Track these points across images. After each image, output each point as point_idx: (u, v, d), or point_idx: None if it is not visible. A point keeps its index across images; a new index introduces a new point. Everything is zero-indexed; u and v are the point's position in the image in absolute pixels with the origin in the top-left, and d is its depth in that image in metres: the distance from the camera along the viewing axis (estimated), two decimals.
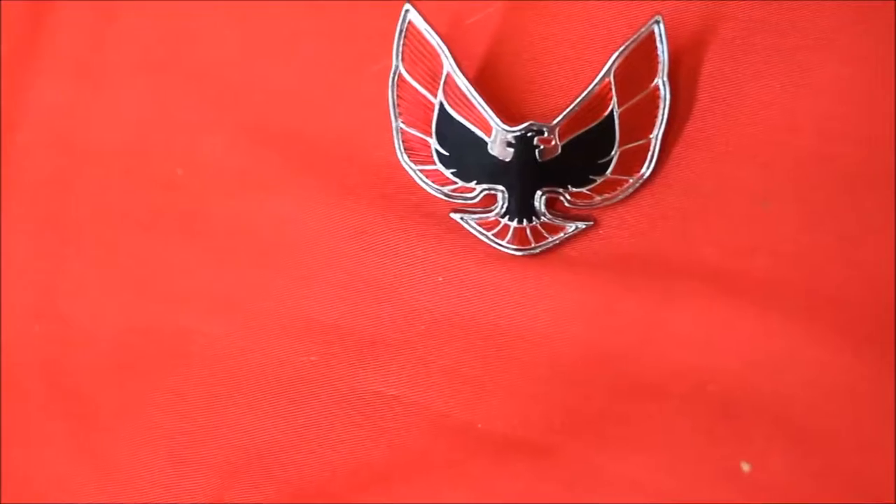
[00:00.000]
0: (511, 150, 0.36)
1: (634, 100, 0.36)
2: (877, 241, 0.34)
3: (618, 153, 0.36)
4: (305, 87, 0.40)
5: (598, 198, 0.36)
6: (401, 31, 0.36)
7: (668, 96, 0.35)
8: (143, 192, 0.41)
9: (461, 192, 0.37)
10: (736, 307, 0.35)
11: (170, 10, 0.42)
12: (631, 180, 0.36)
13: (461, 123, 0.36)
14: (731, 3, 0.36)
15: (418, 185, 0.37)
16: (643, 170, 0.36)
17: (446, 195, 0.37)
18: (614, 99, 0.35)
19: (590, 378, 0.36)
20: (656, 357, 0.35)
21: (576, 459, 0.35)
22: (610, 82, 0.35)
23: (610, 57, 0.35)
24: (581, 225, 0.37)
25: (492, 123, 0.35)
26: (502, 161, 0.36)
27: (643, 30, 0.35)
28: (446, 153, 0.36)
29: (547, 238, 0.37)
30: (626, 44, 0.35)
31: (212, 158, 0.40)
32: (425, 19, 0.35)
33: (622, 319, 0.35)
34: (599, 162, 0.36)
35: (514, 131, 0.35)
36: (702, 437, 0.34)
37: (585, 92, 0.35)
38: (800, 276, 0.35)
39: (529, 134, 0.35)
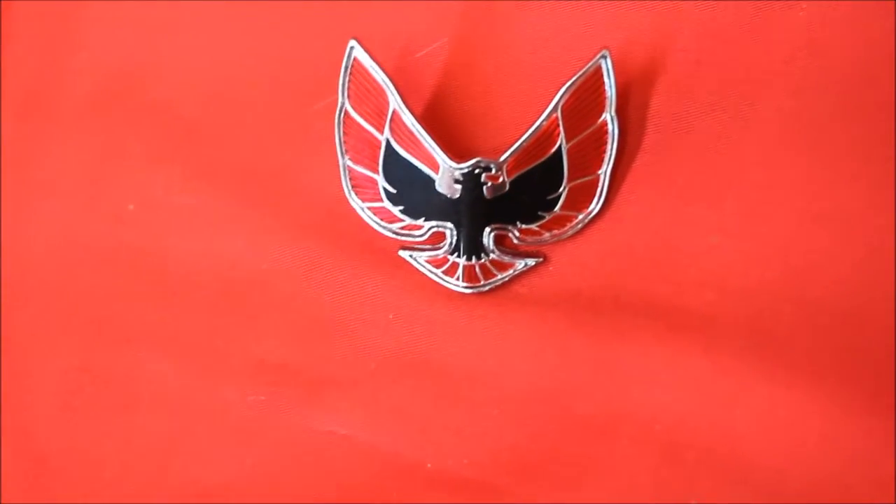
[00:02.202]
0: (459, 186, 0.35)
1: (582, 135, 0.36)
2: (824, 278, 0.34)
3: (566, 189, 0.36)
4: (256, 124, 0.39)
5: (547, 234, 0.36)
6: (346, 67, 0.36)
7: (616, 131, 0.35)
8: (94, 228, 0.40)
9: (409, 230, 0.36)
10: (684, 344, 0.34)
11: (124, 47, 0.42)
12: (580, 216, 0.36)
13: (408, 161, 0.36)
14: (679, 38, 0.36)
15: (366, 222, 0.37)
16: (592, 206, 0.36)
17: (394, 233, 0.37)
18: (562, 135, 0.35)
19: (538, 417, 0.35)
20: (605, 396, 0.35)
21: (524, 499, 0.35)
22: (557, 118, 0.35)
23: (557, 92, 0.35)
24: (530, 262, 0.36)
25: (439, 160, 0.35)
26: (450, 198, 0.36)
27: (590, 65, 0.35)
28: (394, 191, 0.36)
29: (496, 275, 0.36)
30: (573, 79, 0.35)
31: (164, 195, 0.40)
32: (371, 56, 0.35)
33: (571, 357, 0.35)
34: (548, 198, 0.36)
35: (461, 168, 0.35)
36: (649, 478, 0.34)
37: (532, 128, 0.35)
38: (747, 313, 0.34)
39: (477, 171, 0.35)
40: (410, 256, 0.37)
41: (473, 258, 0.36)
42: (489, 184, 0.35)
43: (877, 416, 0.33)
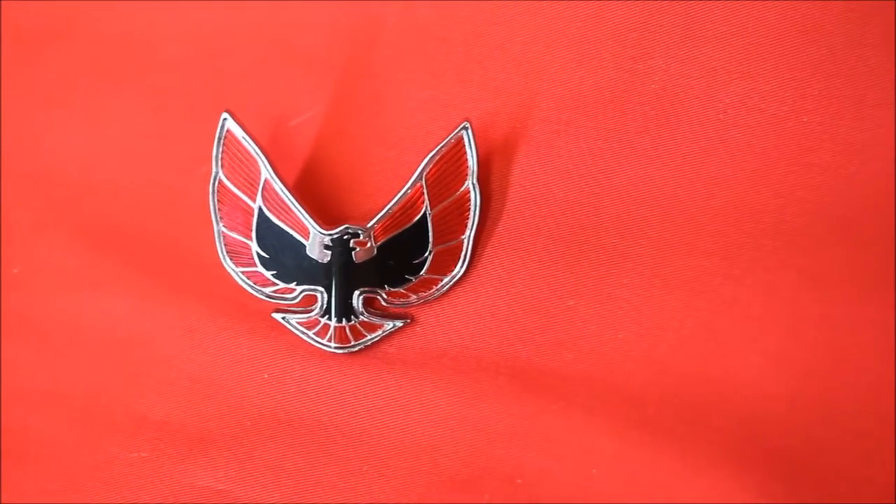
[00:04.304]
0: (329, 252, 0.37)
1: (447, 202, 0.37)
2: (672, 339, 0.36)
3: (432, 254, 0.37)
4: (140, 188, 0.41)
5: (414, 296, 0.38)
6: (219, 139, 0.37)
7: (478, 199, 0.37)
8: None
9: (282, 293, 0.38)
10: (542, 402, 0.36)
11: (7, 110, 0.43)
12: (445, 279, 0.38)
13: (280, 227, 0.37)
14: (540, 108, 0.38)
15: (241, 286, 0.38)
16: (456, 269, 0.38)
17: (268, 296, 0.38)
18: (426, 202, 0.37)
19: (405, 472, 0.37)
20: (468, 451, 0.37)
21: None
22: (422, 186, 0.37)
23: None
24: (398, 323, 0.38)
25: (309, 227, 0.37)
26: (320, 263, 0.37)
27: (451, 136, 0.36)
28: (266, 255, 0.38)
29: (366, 336, 0.38)
30: (435, 150, 0.36)
31: (48, 257, 0.41)
32: (243, 127, 0.37)
33: (435, 415, 0.37)
34: (414, 262, 0.37)
35: (330, 234, 0.37)
36: None
37: (397, 197, 0.36)
38: (600, 373, 0.36)
39: (346, 237, 0.37)
40: (283, 318, 0.38)
41: (344, 320, 0.38)
42: (357, 249, 0.37)
43: (723, 471, 0.34)
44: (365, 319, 0.38)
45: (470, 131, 0.36)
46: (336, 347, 0.38)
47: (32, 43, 0.43)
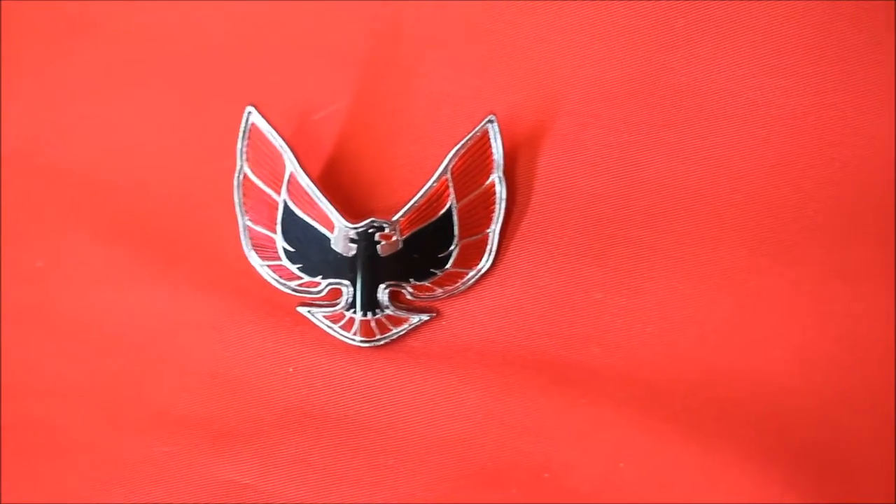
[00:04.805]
0: (354, 245, 0.37)
1: (472, 195, 0.37)
2: (699, 332, 0.36)
3: (457, 247, 0.37)
4: (162, 183, 0.41)
5: (439, 290, 0.38)
6: (244, 132, 0.37)
7: (504, 192, 0.37)
8: (3, 285, 0.41)
9: (307, 287, 0.38)
10: (568, 397, 0.36)
11: (28, 107, 0.42)
12: (471, 273, 0.38)
13: (305, 221, 0.37)
14: (566, 100, 0.38)
15: (266, 280, 0.38)
16: (482, 263, 0.37)
17: (293, 290, 0.38)
18: (452, 195, 0.37)
19: (432, 466, 0.37)
20: (495, 445, 0.36)
21: None
22: (447, 180, 0.37)
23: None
24: (424, 317, 0.38)
25: (334, 220, 0.37)
26: (346, 256, 0.37)
27: (477, 129, 0.36)
28: (292, 249, 0.37)
29: (391, 330, 0.38)
30: (461, 143, 0.36)
31: (72, 252, 0.41)
32: (268, 121, 0.37)
33: (461, 409, 0.37)
34: (440, 255, 0.37)
35: (355, 228, 0.37)
36: None
37: (423, 190, 0.36)
38: (628, 367, 0.36)
39: (371, 230, 0.37)
40: (309, 312, 0.38)
41: (369, 314, 0.37)
42: (383, 242, 0.37)
43: (750, 465, 0.34)
44: (390, 313, 0.37)
45: (496, 124, 0.36)
46: (361, 341, 0.38)
47: (58, 38, 0.43)
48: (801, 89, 0.37)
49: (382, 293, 0.37)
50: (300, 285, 0.38)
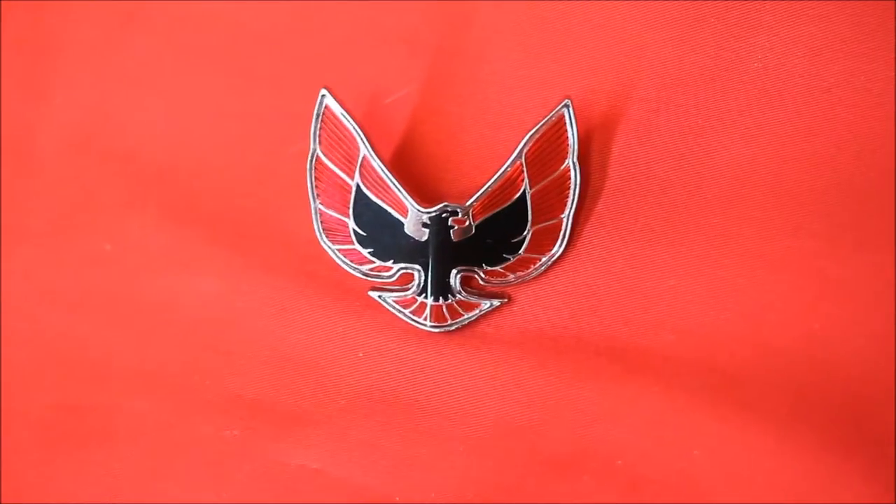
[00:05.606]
0: (426, 230, 0.37)
1: (546, 181, 0.37)
2: (777, 320, 0.35)
3: (530, 233, 0.37)
4: (229, 166, 0.41)
5: (511, 276, 0.37)
6: (317, 115, 0.37)
7: (577, 177, 0.37)
8: (71, 269, 0.41)
9: (379, 271, 0.38)
10: (643, 383, 0.36)
11: (96, 90, 0.43)
12: (543, 259, 0.37)
13: (378, 205, 0.37)
14: (639, 86, 0.38)
15: (337, 264, 0.38)
16: (555, 248, 0.37)
17: (364, 274, 0.38)
18: (526, 180, 0.36)
19: (503, 452, 0.37)
20: (567, 432, 0.36)
21: None
22: (522, 164, 0.36)
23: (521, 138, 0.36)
24: (496, 302, 0.38)
25: (407, 205, 0.36)
26: (418, 241, 0.37)
27: (552, 114, 0.36)
28: (364, 233, 0.37)
29: (463, 315, 0.38)
30: (536, 128, 0.36)
31: (139, 236, 0.41)
32: (341, 104, 0.36)
33: (534, 395, 0.37)
34: (513, 241, 0.37)
35: (428, 212, 0.36)
36: None
37: (497, 175, 0.36)
38: (703, 354, 0.36)
39: (444, 215, 0.36)
40: (380, 297, 0.38)
41: (441, 299, 0.37)
42: (456, 227, 0.37)
43: (827, 455, 0.34)
44: (462, 298, 0.37)
45: (571, 109, 0.36)
46: (433, 326, 0.37)
47: (119, 22, 0.43)
48: (885, 73, 0.36)
49: (454, 278, 0.37)
50: (371, 269, 0.38)
